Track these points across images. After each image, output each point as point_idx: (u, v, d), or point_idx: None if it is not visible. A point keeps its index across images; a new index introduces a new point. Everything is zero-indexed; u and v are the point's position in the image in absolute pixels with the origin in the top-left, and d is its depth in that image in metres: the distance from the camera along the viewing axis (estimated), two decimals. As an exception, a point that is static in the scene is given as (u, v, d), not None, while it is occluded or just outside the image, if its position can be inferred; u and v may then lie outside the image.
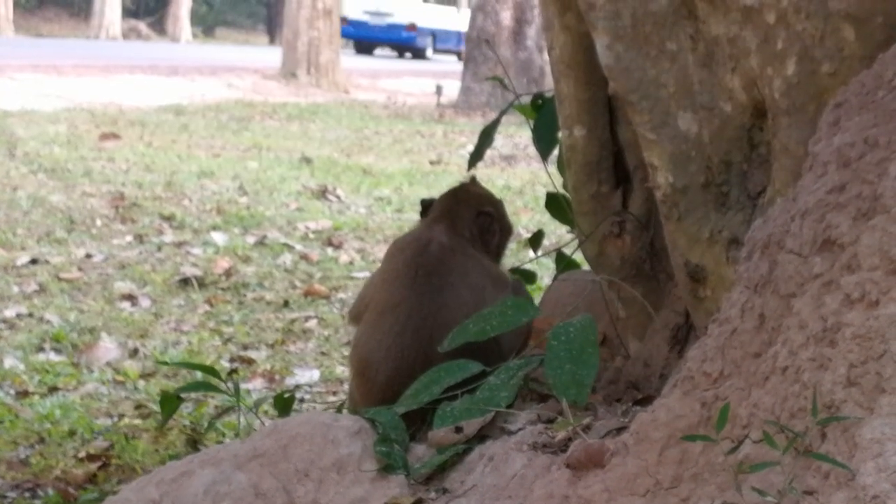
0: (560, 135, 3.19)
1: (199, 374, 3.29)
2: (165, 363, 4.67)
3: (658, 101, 2.66)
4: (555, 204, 3.57)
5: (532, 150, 10.73)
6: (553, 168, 3.51)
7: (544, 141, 3.52)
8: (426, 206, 3.38)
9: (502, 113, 3.68)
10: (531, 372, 2.81)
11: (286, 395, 3.13)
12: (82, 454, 4.07)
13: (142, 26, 41.83)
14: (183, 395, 3.98)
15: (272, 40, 44.35)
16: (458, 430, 2.58)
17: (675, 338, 2.96)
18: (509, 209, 3.78)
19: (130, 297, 6.18)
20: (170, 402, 3.00)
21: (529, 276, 3.86)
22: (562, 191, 3.46)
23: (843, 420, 1.94)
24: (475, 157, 3.66)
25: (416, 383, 2.79)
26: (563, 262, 3.66)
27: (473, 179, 3.51)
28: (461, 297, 3.01)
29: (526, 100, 3.65)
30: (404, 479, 2.46)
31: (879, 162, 2.09)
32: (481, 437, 2.58)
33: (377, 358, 3.04)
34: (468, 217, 3.24)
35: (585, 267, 3.42)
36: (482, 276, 3.10)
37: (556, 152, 3.49)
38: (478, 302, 2.98)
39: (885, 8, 2.32)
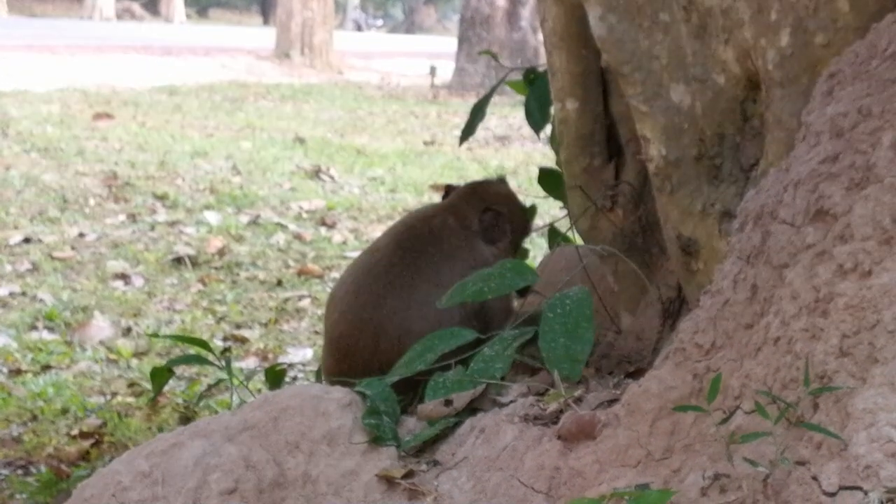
0: (552, 109, 3.17)
1: (191, 350, 3.28)
2: (156, 336, 4.66)
3: (651, 72, 2.64)
4: (547, 179, 3.55)
5: (526, 130, 10.70)
6: (547, 148, 3.49)
7: (536, 116, 3.50)
8: (449, 190, 3.43)
9: (494, 88, 3.65)
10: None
11: (277, 368, 3.12)
12: (75, 432, 4.07)
13: (135, 7, 41.66)
14: (176, 373, 3.98)
15: (266, 21, 44.15)
16: (448, 403, 2.56)
17: (667, 312, 2.95)
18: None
19: (123, 276, 6.17)
20: (160, 374, 2.98)
21: (521, 254, 3.84)
22: (557, 168, 3.44)
23: (835, 390, 1.93)
24: (467, 131, 3.64)
25: (409, 351, 2.77)
26: (557, 239, 3.64)
27: (502, 178, 3.52)
28: (435, 272, 3.03)
29: (519, 76, 3.63)
30: (395, 451, 2.45)
31: (873, 132, 2.08)
32: (472, 409, 2.56)
33: (339, 293, 3.11)
34: (475, 211, 3.25)
35: (579, 243, 3.40)
36: (467, 268, 3.08)
37: (550, 132, 3.47)
38: (447, 285, 2.94)
39: (879, -22, 2.30)
